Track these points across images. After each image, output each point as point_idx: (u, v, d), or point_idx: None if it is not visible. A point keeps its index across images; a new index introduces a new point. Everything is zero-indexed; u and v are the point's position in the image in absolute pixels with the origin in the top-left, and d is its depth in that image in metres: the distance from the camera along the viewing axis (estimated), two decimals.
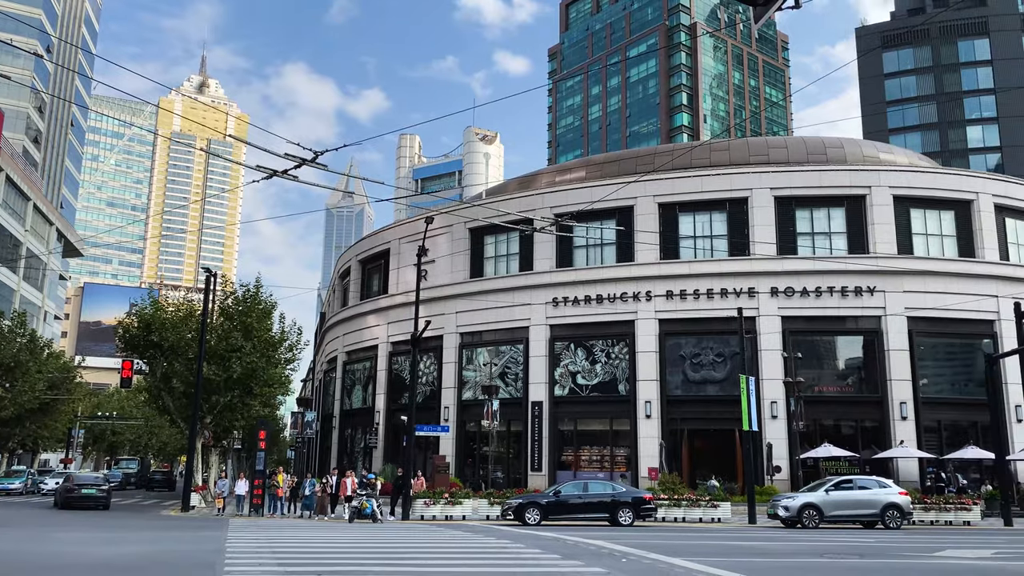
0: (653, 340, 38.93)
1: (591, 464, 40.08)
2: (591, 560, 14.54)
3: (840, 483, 27.61)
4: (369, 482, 27.51)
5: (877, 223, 38.43)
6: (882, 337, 37.45)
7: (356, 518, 25.29)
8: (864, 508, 26.79)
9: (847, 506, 26.79)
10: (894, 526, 26.37)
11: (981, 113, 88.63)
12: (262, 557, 14.44)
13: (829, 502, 26.69)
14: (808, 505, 26.58)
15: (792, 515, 26.54)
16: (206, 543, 17.32)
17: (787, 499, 27.43)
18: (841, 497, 26.84)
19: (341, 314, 53.34)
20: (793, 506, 26.72)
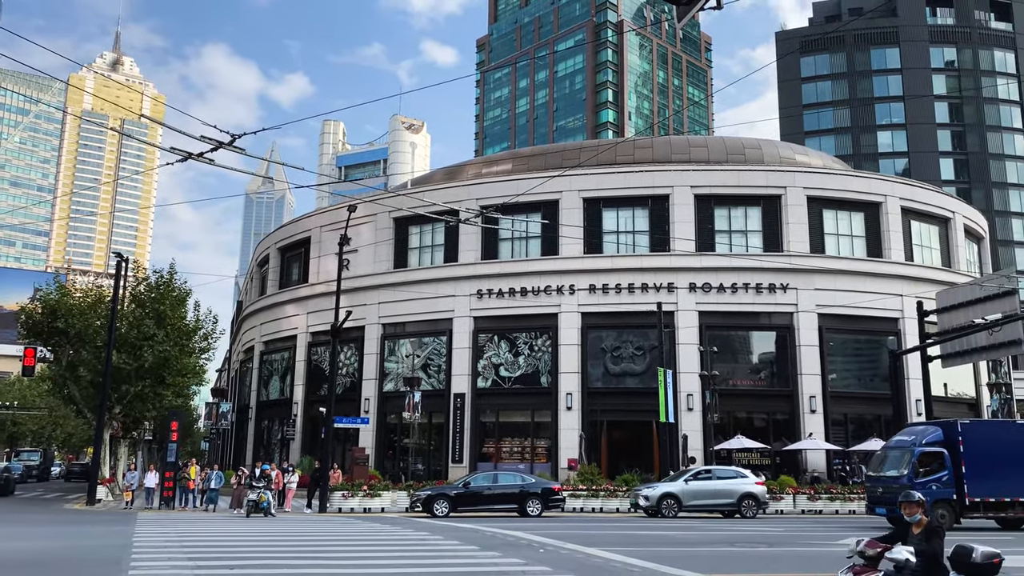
0: (575, 333, 39.33)
1: (512, 456, 40.27)
2: (508, 551, 14.60)
3: (699, 473, 28.36)
4: (264, 473, 26.64)
5: (791, 222, 39.68)
6: (794, 333, 38.74)
7: (253, 512, 24.06)
8: (722, 498, 27.54)
9: (705, 496, 27.44)
10: (750, 515, 27.24)
11: (891, 119, 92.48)
12: (171, 552, 14.00)
13: (688, 492, 27.24)
14: (667, 495, 27.05)
15: (652, 504, 26.90)
16: (113, 538, 16.68)
17: (648, 489, 27.82)
18: (700, 487, 27.45)
19: (259, 303, 52.11)
20: (653, 496, 27.11)
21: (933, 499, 21.96)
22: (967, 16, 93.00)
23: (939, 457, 22.82)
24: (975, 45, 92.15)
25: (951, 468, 22.72)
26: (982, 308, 25.52)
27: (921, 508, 7.61)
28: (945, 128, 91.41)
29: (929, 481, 22.41)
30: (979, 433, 23.64)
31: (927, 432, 23.94)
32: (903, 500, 7.78)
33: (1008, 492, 22.74)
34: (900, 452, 23.58)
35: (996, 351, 26.38)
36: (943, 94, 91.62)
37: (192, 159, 11.92)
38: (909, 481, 22.17)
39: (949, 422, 24.65)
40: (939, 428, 23.98)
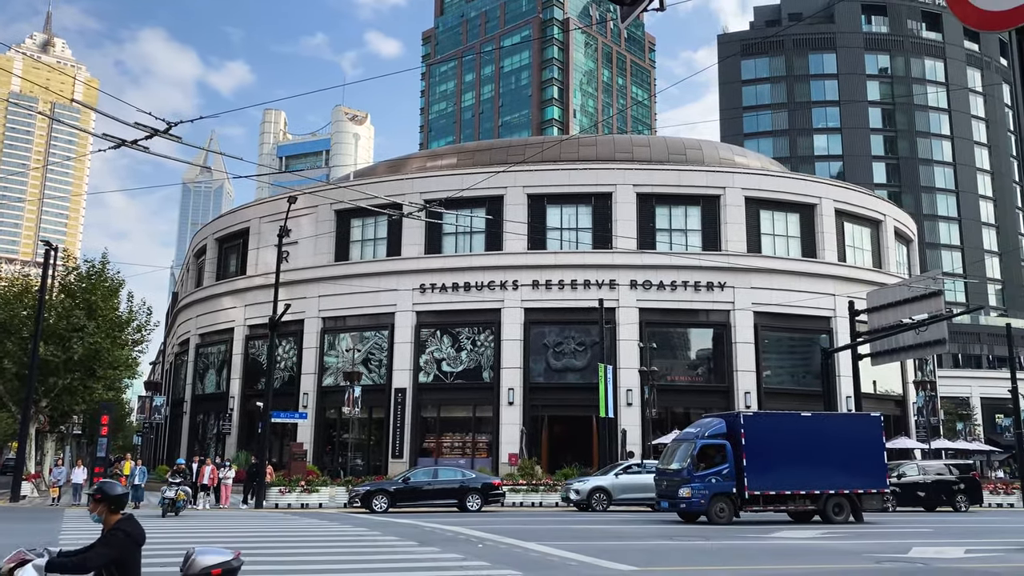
0: (518, 328, 39.45)
1: (453, 451, 40.22)
2: (447, 546, 14.58)
3: (629, 467, 28.85)
4: (178, 468, 25.81)
5: (729, 222, 40.46)
6: (730, 330, 39.54)
7: (169, 511, 22.85)
8: (652, 491, 27.70)
9: (635, 489, 27.81)
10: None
11: (827, 123, 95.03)
12: None
13: (618, 486, 27.69)
14: (598, 489, 27.45)
15: (582, 498, 27.28)
16: (37, 536, 16.08)
17: (578, 483, 28.14)
18: (630, 481, 27.85)
19: (195, 294, 50.93)
20: (583, 489, 27.45)
21: (713, 492, 21.92)
22: (900, 25, 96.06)
23: (721, 450, 22.46)
24: (907, 53, 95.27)
25: (732, 461, 22.30)
26: (910, 308, 26.42)
27: (103, 504, 5.87)
28: (878, 133, 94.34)
29: (709, 474, 22.14)
30: (761, 425, 23.27)
31: (711, 424, 23.65)
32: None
33: (789, 485, 22.38)
34: (684, 445, 23.26)
35: (922, 350, 27.34)
36: (877, 100, 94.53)
37: (126, 146, 11.54)
38: (688, 474, 22.08)
39: (733, 414, 24.45)
40: (723, 420, 23.63)
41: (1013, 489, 35.06)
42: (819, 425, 24.18)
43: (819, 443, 23.09)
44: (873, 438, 23.71)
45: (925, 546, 14.95)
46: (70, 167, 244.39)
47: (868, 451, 23.41)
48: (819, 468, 22.63)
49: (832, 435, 23.50)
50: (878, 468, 23.36)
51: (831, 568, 12.99)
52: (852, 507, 22.66)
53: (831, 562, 13.64)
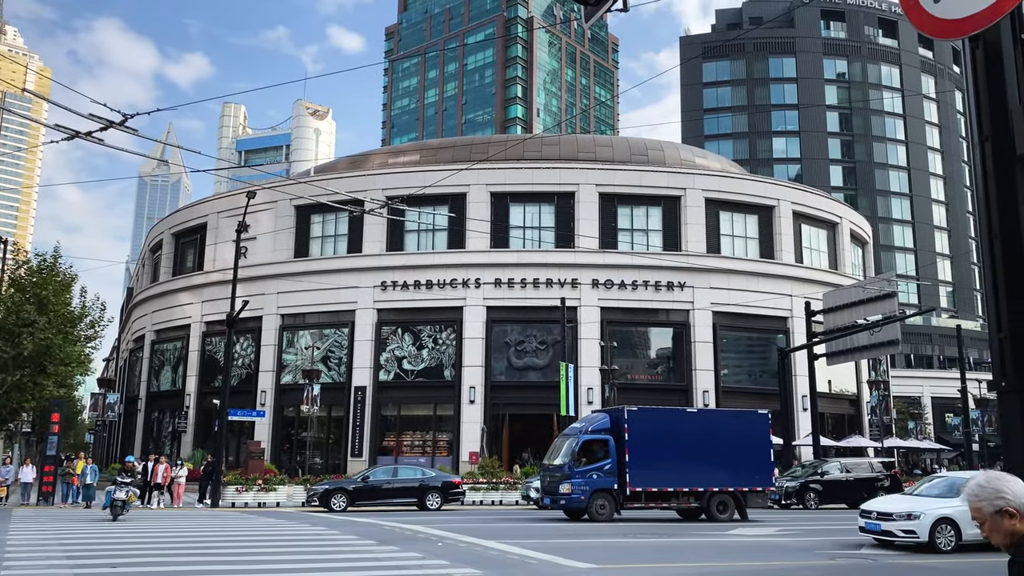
0: (480, 327, 39.40)
1: (413, 449, 40.07)
2: (407, 545, 14.50)
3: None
4: (128, 466, 25.25)
5: (690, 223, 40.87)
6: (690, 330, 39.95)
7: (121, 512, 22.12)
8: None
9: None
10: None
11: (785, 126, 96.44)
12: (49, 550, 13.27)
13: None
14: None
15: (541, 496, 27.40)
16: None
17: (538, 481, 28.26)
18: None
19: (151, 290, 50.00)
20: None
21: (594, 488, 21.55)
22: (858, 31, 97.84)
23: (605, 445, 22.04)
24: (864, 59, 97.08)
25: (615, 456, 21.88)
26: (864, 309, 26.93)
27: None
28: (835, 137, 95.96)
29: (591, 470, 21.75)
30: (647, 421, 22.75)
31: (595, 419, 23.31)
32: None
33: (673, 482, 21.94)
34: (569, 440, 22.88)
35: (876, 350, 27.89)
36: (834, 104, 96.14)
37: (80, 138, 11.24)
38: (569, 470, 21.81)
39: (618, 408, 23.95)
40: (607, 415, 23.26)
41: None
42: (706, 422, 23.96)
43: (705, 440, 22.75)
44: (760, 436, 23.49)
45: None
46: (21, 159, 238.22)
47: (755, 449, 23.20)
48: (704, 465, 22.26)
49: (719, 432, 23.13)
50: (764, 466, 23.10)
51: (787, 565, 13.18)
52: (737, 505, 22.42)
53: (786, 558, 13.84)
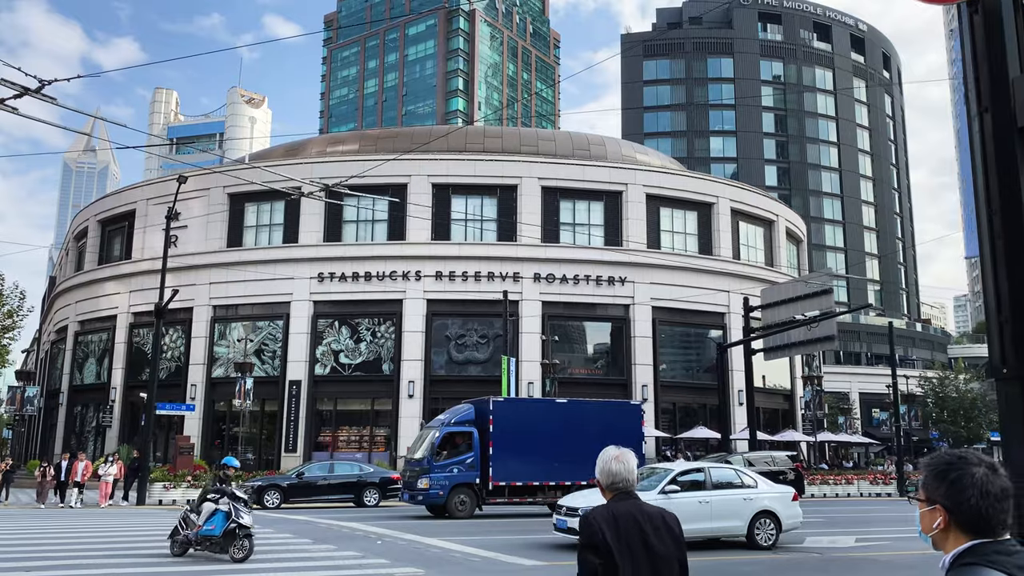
0: (420, 320, 38.79)
1: (350, 444, 39.23)
2: (344, 543, 13.96)
3: None
4: (226, 471, 23.91)
5: (631, 218, 40.96)
6: (630, 324, 40.06)
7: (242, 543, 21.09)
8: None
9: None
10: None
11: (723, 126, 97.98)
12: None
13: None
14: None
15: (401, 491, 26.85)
16: None
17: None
18: None
19: (75, 279, 47.87)
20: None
21: (454, 483, 20.80)
22: (793, 34, 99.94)
23: (468, 437, 21.23)
24: (799, 62, 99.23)
25: (478, 450, 21.04)
26: (802, 305, 27.26)
27: None
28: (770, 137, 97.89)
29: (451, 463, 20.94)
30: (513, 412, 21.95)
31: (460, 411, 22.44)
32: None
33: (538, 475, 21.08)
34: (432, 433, 22.09)
35: (813, 345, 28.27)
36: (770, 105, 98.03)
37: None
38: (428, 464, 21.10)
39: (483, 400, 22.86)
40: (472, 407, 22.39)
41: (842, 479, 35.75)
42: (575, 413, 22.89)
43: (574, 432, 21.70)
44: (632, 428, 22.93)
45: (818, 536, 15.29)
46: None
47: (627, 441, 23.16)
48: (573, 458, 20.96)
49: (589, 424, 22.24)
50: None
51: (731, 559, 13.08)
52: None
53: (728, 553, 13.76)
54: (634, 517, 3.34)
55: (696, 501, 13.81)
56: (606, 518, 3.32)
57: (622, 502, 3.41)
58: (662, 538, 3.32)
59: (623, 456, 3.53)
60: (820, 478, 35.30)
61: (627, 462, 3.51)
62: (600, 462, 3.53)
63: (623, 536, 3.28)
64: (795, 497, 15.03)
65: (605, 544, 3.25)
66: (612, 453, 3.53)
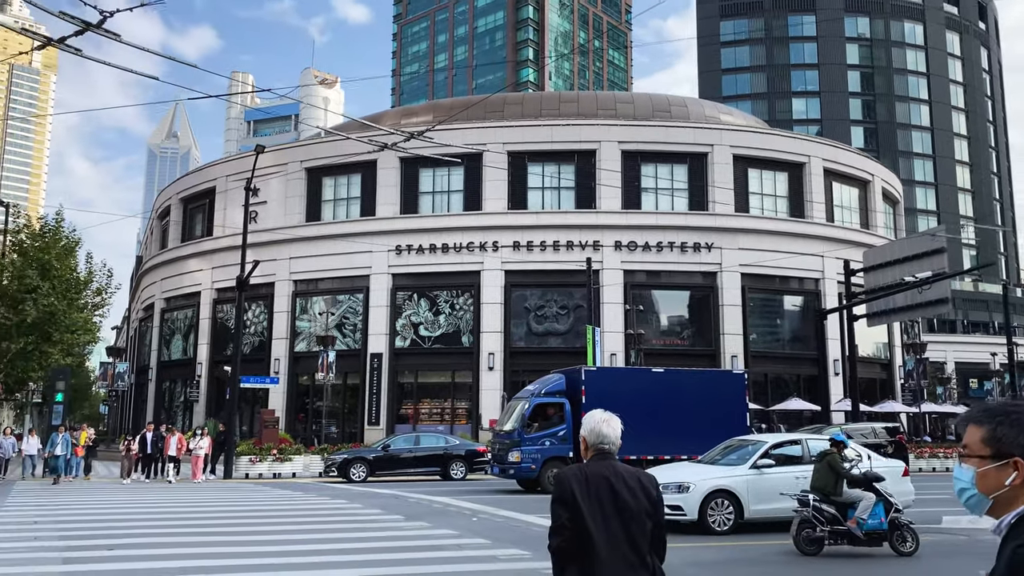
0: (499, 291, 37.97)
1: (431, 417, 38.87)
2: (438, 520, 13.20)
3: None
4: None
5: (717, 181, 39.12)
6: (716, 292, 38.39)
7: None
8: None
9: None
10: None
11: (806, 86, 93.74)
12: (42, 529, 12.02)
13: None
14: None
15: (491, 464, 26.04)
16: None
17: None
18: None
19: (160, 257, 48.73)
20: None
21: (546, 456, 19.85)
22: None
23: (559, 409, 20.18)
24: (887, 16, 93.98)
25: (570, 421, 19.87)
26: (911, 266, 25.22)
27: None
28: (857, 97, 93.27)
29: (543, 436, 19.97)
30: (607, 382, 20.72)
31: (550, 381, 21.35)
32: None
33: (636, 449, 19.52)
34: (520, 404, 21.00)
35: (923, 309, 26.22)
36: (856, 63, 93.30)
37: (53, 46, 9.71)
38: (519, 436, 20.00)
39: (574, 369, 21.81)
40: (563, 376, 21.27)
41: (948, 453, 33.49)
42: (674, 383, 21.66)
43: (674, 403, 20.79)
44: (735, 397, 21.65)
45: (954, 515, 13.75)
46: (31, 132, 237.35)
47: (729, 412, 21.21)
48: (673, 431, 20.26)
49: (689, 394, 21.24)
50: (740, 431, 20.49)
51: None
52: None
53: None
54: (605, 476, 3.53)
55: (792, 477, 12.49)
56: (576, 476, 3.55)
57: (599, 462, 3.62)
58: (635, 496, 3.50)
59: (612, 420, 3.73)
60: (929, 451, 33.18)
61: (615, 427, 3.71)
62: (590, 422, 3.71)
63: (592, 492, 3.48)
64: (905, 472, 13.55)
65: (573, 499, 3.47)
66: (601, 416, 3.72)
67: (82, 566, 8.86)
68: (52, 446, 23.91)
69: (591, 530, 3.42)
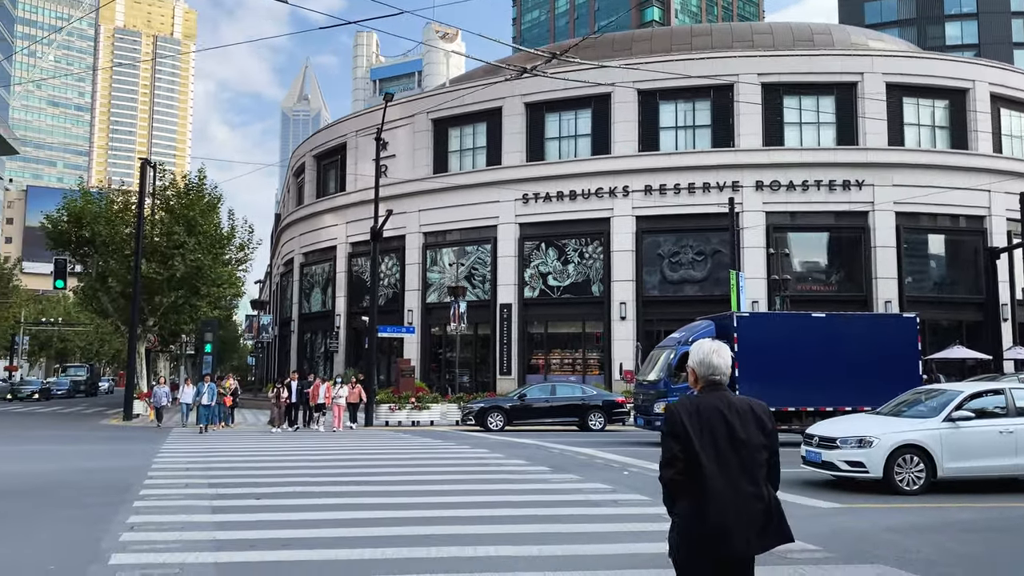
0: (630, 238, 36.68)
1: (562, 367, 38.37)
2: (587, 473, 12.51)
3: None
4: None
5: (868, 113, 36.02)
6: (868, 233, 35.64)
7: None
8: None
9: None
10: None
11: (961, 8, 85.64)
12: (192, 476, 12.14)
13: None
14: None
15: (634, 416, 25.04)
16: (132, 458, 14.95)
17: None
18: None
19: (296, 213, 50.17)
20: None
21: None
22: None
23: None
24: None
25: None
26: None
27: None
28: (1020, 17, 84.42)
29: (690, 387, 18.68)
30: (762, 328, 19.53)
31: (698, 327, 20.30)
32: None
33: (794, 401, 18.75)
34: (666, 352, 20.04)
35: None
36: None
37: None
38: (665, 386, 19.01)
39: (725, 315, 20.84)
40: (713, 323, 20.29)
41: None
42: (837, 329, 20.01)
43: (836, 351, 19.31)
44: (906, 344, 19.73)
45: None
46: (175, 99, 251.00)
47: (899, 361, 19.39)
48: (834, 381, 19.01)
49: (853, 341, 19.59)
50: (910, 380, 18.67)
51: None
52: None
53: None
54: (717, 407, 3.53)
55: (996, 431, 10.98)
56: (688, 408, 3.55)
57: (710, 394, 3.62)
58: (748, 427, 3.51)
59: (722, 350, 3.71)
60: None
61: (725, 357, 3.69)
62: (699, 353, 3.70)
63: (705, 424, 3.49)
64: None
65: (684, 431, 3.48)
66: (711, 346, 3.70)
67: (231, 516, 8.69)
68: (199, 395, 24.65)
69: (703, 462, 3.42)
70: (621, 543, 7.38)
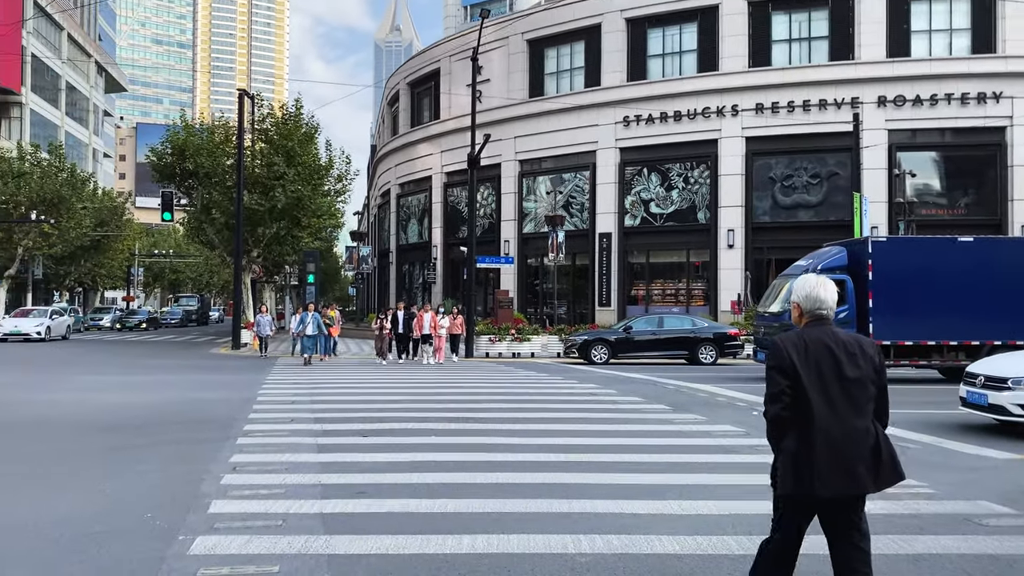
0: (738, 161, 34.64)
1: (664, 299, 37.05)
2: (711, 412, 11.55)
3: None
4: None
5: (1009, 15, 32.49)
6: (1005, 151, 32.51)
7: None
8: None
9: None
10: None
11: None
12: (298, 411, 11.79)
13: None
14: None
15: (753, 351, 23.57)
16: (238, 390, 14.83)
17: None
18: None
19: (392, 144, 49.79)
20: None
21: None
22: None
23: (840, 286, 17.22)
24: None
25: (854, 302, 17.49)
26: None
27: None
28: None
29: None
30: (898, 255, 17.92)
31: (828, 254, 18.75)
32: None
33: (933, 333, 17.44)
34: (789, 282, 18.51)
35: None
36: None
37: None
38: (789, 319, 16.53)
39: (858, 240, 19.16)
40: (844, 249, 18.68)
41: None
42: (982, 255, 18.35)
43: (981, 279, 17.76)
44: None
45: None
46: (272, 33, 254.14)
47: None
48: (980, 312, 17.52)
49: (1003, 269, 17.96)
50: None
51: None
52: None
53: None
54: (824, 342, 3.46)
55: None
56: (795, 343, 3.48)
57: (815, 328, 3.55)
58: (856, 363, 3.43)
59: (827, 284, 3.65)
60: None
61: (831, 290, 3.63)
62: (804, 287, 3.64)
63: (812, 360, 3.41)
64: None
65: (792, 367, 3.41)
66: (816, 280, 3.65)
67: (337, 455, 8.17)
68: (302, 325, 23.74)
69: (811, 397, 3.36)
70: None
